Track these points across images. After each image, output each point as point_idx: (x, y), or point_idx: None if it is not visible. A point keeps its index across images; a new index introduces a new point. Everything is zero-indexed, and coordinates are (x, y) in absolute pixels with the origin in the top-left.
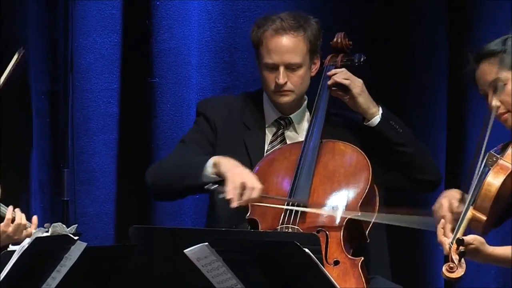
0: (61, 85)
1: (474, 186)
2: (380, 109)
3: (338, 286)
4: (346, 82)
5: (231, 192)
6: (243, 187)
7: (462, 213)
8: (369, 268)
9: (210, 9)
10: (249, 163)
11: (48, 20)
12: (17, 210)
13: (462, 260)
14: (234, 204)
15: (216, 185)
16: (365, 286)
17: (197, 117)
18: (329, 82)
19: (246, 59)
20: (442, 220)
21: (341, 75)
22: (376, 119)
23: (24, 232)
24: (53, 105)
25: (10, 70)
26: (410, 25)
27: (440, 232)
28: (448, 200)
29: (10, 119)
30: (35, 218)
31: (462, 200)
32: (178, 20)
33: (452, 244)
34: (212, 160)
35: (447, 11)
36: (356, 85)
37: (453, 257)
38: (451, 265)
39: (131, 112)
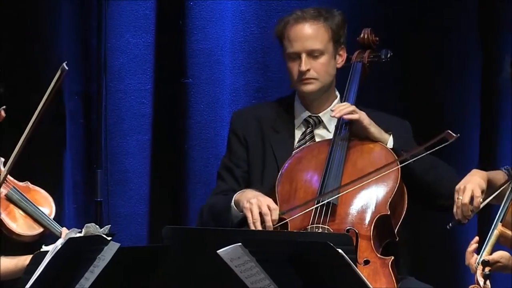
0: (94, 86)
1: (503, 203)
2: (391, 137)
3: (371, 286)
4: (355, 116)
5: (252, 225)
6: (261, 215)
7: (491, 231)
8: (399, 268)
9: (244, 10)
10: (276, 167)
11: (81, 21)
12: (66, 230)
13: (487, 282)
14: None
15: None
16: (395, 286)
17: (229, 133)
18: (334, 114)
19: (279, 59)
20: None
21: (346, 111)
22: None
23: None
24: (86, 106)
25: (53, 87)
26: (444, 28)
27: (468, 254)
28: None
29: (45, 120)
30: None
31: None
32: (212, 20)
33: (478, 264)
34: (233, 201)
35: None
36: (363, 116)
37: (478, 279)
38: None
39: (164, 113)
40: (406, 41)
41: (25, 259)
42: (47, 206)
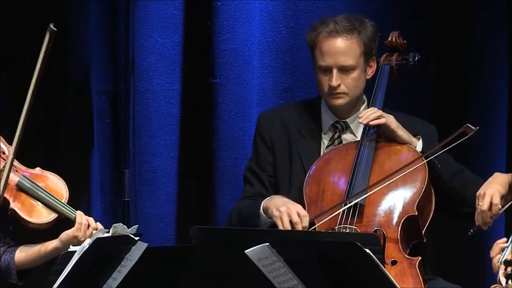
0: (122, 86)
1: None
2: (420, 141)
3: (398, 287)
4: (382, 121)
5: None
6: (291, 223)
7: None
8: (426, 268)
9: (271, 10)
10: (303, 171)
11: (109, 21)
12: (81, 212)
13: (510, 282)
14: None
15: None
16: (423, 286)
17: (255, 135)
18: (362, 121)
19: (307, 59)
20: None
21: (373, 116)
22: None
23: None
24: (114, 106)
25: (44, 51)
26: (472, 29)
27: (493, 252)
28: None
29: (73, 120)
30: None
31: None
32: (240, 20)
33: (500, 264)
34: (261, 207)
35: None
36: (391, 120)
37: (501, 278)
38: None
39: (192, 113)
40: (433, 43)
41: (48, 245)
42: (59, 191)
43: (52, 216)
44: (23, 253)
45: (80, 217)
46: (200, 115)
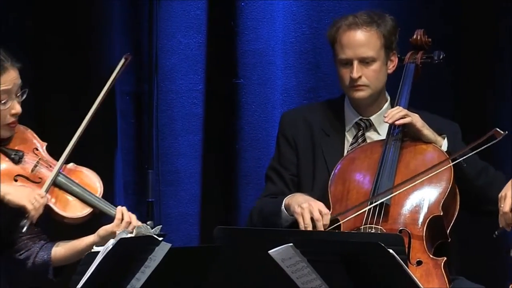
0: (145, 86)
1: None
2: (445, 140)
3: (422, 287)
4: (407, 120)
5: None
6: (313, 220)
7: None
8: (451, 269)
9: (295, 10)
10: (326, 170)
11: (133, 21)
12: (124, 208)
13: None
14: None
15: None
16: (447, 287)
17: (278, 134)
18: (387, 120)
19: (330, 60)
20: None
21: (398, 116)
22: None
23: None
24: (137, 106)
25: (116, 75)
26: (496, 28)
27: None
28: None
29: (95, 120)
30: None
31: None
32: (263, 21)
33: None
34: (283, 205)
35: None
36: (416, 119)
37: None
38: None
39: (215, 113)
40: (458, 42)
41: (85, 240)
42: (94, 185)
43: (87, 210)
44: (59, 249)
45: (120, 213)
46: (224, 116)
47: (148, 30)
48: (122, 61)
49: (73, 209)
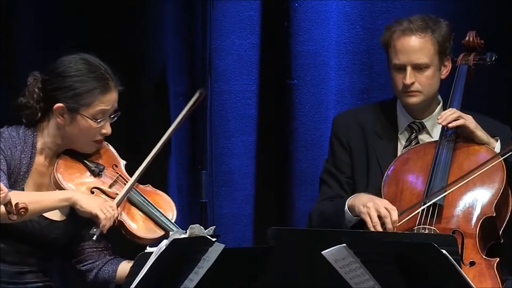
0: (199, 87)
1: None
2: (498, 142)
3: None
4: (460, 122)
5: (372, 229)
6: (381, 218)
7: None
8: (503, 270)
9: (348, 11)
10: (380, 172)
11: (186, 22)
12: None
13: None
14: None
15: None
16: None
17: (331, 137)
18: (441, 122)
19: (384, 60)
20: None
21: (451, 118)
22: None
23: None
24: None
25: (189, 109)
26: None
27: None
28: None
29: (149, 121)
30: None
31: None
32: (317, 21)
33: None
34: (347, 205)
35: None
36: (470, 120)
37: None
38: None
39: (269, 114)
40: (510, 43)
41: None
42: (168, 210)
43: (159, 233)
44: (126, 267)
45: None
46: (277, 117)
47: (202, 31)
48: (196, 95)
49: (147, 230)
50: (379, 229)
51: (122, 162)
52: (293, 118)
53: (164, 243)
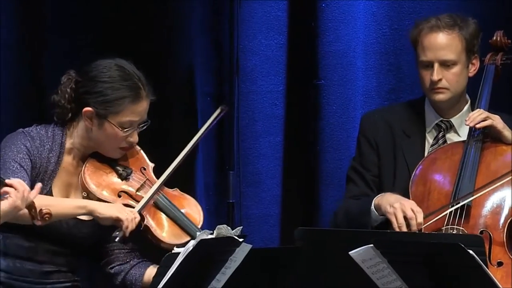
0: (226, 87)
1: None
2: None
3: None
4: (488, 123)
5: (397, 230)
6: (406, 220)
7: None
8: None
9: (375, 11)
10: (407, 171)
11: (214, 22)
12: None
13: None
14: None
15: None
16: None
17: (359, 135)
18: (469, 123)
19: (411, 61)
20: None
21: (479, 118)
22: None
23: None
24: (218, 107)
25: (210, 124)
26: None
27: None
28: None
29: (177, 121)
30: None
31: None
32: (344, 22)
33: None
34: (373, 205)
35: None
36: (498, 121)
37: None
38: None
39: (296, 114)
40: None
41: None
42: (195, 214)
43: (185, 239)
44: (154, 272)
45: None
46: (305, 117)
47: (229, 31)
48: (218, 111)
49: (172, 235)
50: (404, 230)
51: (151, 165)
52: (320, 118)
53: (192, 243)
